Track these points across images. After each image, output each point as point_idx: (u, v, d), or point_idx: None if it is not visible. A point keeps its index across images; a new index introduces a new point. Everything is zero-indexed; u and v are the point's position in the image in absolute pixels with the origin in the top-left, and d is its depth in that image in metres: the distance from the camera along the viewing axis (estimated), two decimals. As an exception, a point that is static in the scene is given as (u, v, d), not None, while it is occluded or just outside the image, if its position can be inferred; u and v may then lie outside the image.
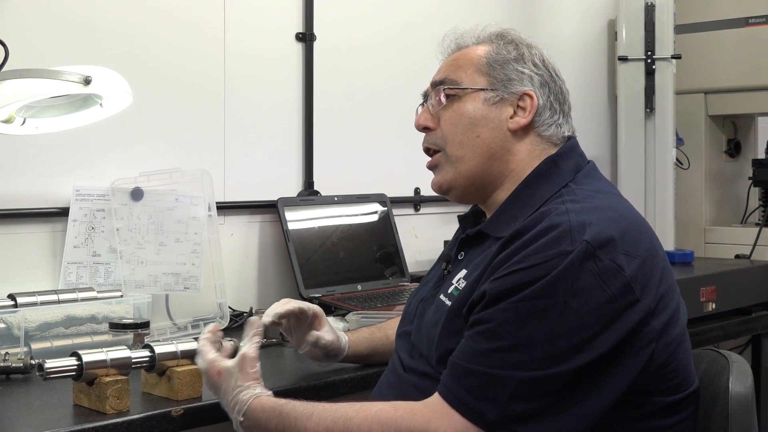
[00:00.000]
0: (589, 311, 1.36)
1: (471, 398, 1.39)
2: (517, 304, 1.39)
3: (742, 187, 3.77)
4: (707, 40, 3.59)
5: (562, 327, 1.36)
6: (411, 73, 2.97)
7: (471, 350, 1.42)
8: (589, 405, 1.38)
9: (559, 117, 1.61)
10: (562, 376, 1.36)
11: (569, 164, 1.58)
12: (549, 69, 1.63)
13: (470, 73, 1.61)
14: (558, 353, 1.36)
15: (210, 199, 2.38)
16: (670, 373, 1.46)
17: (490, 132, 1.59)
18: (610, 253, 1.39)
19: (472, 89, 1.60)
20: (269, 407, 1.52)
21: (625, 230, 1.43)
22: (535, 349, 1.37)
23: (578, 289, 1.37)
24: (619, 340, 1.37)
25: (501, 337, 1.39)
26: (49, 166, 2.23)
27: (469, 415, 1.38)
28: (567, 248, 1.39)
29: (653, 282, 1.42)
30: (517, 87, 1.59)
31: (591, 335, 1.36)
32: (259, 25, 2.64)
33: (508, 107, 1.59)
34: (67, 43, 2.24)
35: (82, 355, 1.57)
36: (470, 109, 1.59)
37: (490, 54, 1.61)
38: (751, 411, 1.55)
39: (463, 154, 1.60)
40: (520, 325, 1.38)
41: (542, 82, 1.61)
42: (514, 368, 1.37)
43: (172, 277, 2.32)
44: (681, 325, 1.49)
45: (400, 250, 2.81)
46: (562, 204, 1.48)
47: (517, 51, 1.61)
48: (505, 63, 1.60)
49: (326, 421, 1.45)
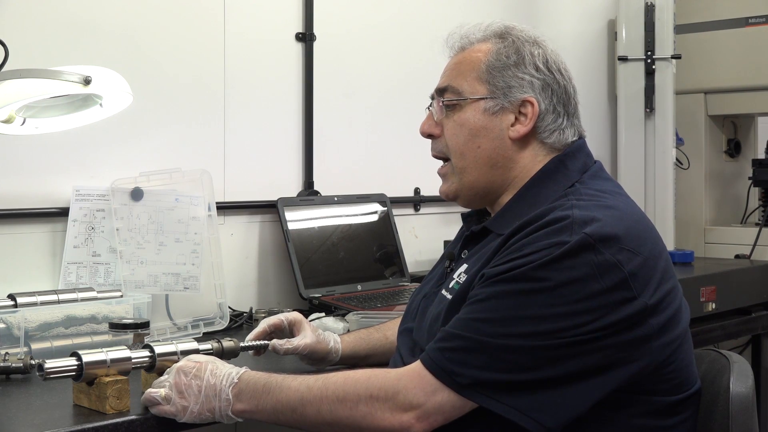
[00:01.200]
0: (579, 300, 1.37)
1: (445, 360, 1.40)
2: (507, 284, 1.41)
3: (742, 187, 3.77)
4: (707, 40, 3.59)
5: (549, 310, 1.37)
6: (411, 73, 2.97)
7: (456, 318, 1.45)
8: (571, 392, 1.38)
9: (563, 120, 1.60)
10: (543, 354, 1.36)
11: (576, 164, 1.58)
12: (552, 70, 1.60)
13: (471, 80, 1.60)
14: (541, 332, 1.37)
15: (210, 199, 2.38)
16: (670, 373, 1.46)
17: (490, 142, 1.58)
18: (611, 249, 1.39)
19: (472, 99, 1.59)
20: (260, 373, 1.55)
21: (629, 228, 1.44)
22: (517, 325, 1.38)
23: (573, 278, 1.37)
24: (609, 333, 1.37)
25: (486, 309, 1.41)
26: (49, 166, 2.23)
27: (441, 376, 1.40)
28: (565, 239, 1.40)
29: (654, 281, 1.42)
30: (517, 94, 1.57)
31: (578, 323, 1.37)
32: (259, 25, 2.64)
33: (509, 115, 1.58)
34: (67, 43, 2.24)
35: (82, 355, 1.57)
36: (471, 120, 1.59)
37: (490, 60, 1.59)
38: (752, 411, 1.55)
39: (466, 165, 1.60)
40: (506, 300, 1.40)
41: (544, 86, 1.58)
42: (493, 337, 1.38)
43: (172, 277, 2.32)
44: (682, 326, 1.49)
45: (400, 250, 2.81)
46: (568, 201, 1.49)
47: (518, 55, 1.59)
48: (504, 69, 1.58)
49: (308, 381, 1.49)
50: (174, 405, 1.54)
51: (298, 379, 1.50)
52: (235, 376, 1.53)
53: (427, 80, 1.66)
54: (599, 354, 1.38)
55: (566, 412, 1.38)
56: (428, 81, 1.66)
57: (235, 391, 1.52)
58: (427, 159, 1.69)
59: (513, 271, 1.41)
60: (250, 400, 1.52)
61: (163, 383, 1.57)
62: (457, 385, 1.39)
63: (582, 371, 1.38)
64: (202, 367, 1.55)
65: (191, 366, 1.56)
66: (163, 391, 1.55)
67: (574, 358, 1.37)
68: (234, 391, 1.52)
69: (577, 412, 1.39)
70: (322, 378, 1.49)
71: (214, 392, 1.53)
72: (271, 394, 1.50)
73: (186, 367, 1.56)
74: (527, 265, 1.39)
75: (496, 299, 1.41)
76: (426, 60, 3.06)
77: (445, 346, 1.42)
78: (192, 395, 1.53)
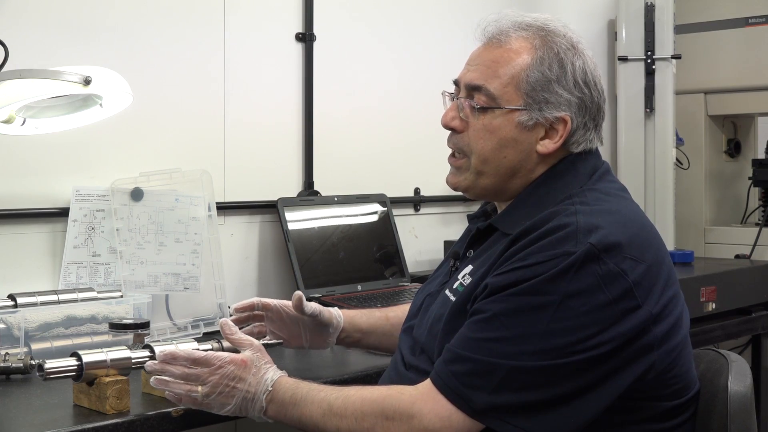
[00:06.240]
0: (586, 312, 1.37)
1: (458, 384, 1.40)
2: (514, 298, 1.40)
3: (742, 187, 3.77)
4: (707, 40, 3.59)
5: (557, 324, 1.37)
6: (411, 73, 2.97)
7: (464, 338, 1.44)
8: (582, 405, 1.38)
9: (591, 133, 1.57)
10: (554, 372, 1.36)
11: (587, 166, 1.57)
12: (590, 86, 1.56)
13: (508, 88, 1.53)
14: (551, 349, 1.37)
15: (210, 199, 2.38)
16: (671, 379, 1.46)
17: (517, 155, 1.55)
18: (615, 258, 1.39)
19: (507, 108, 1.54)
20: (290, 382, 1.59)
21: (632, 235, 1.43)
22: (527, 343, 1.37)
23: (578, 290, 1.37)
24: (616, 344, 1.38)
25: (495, 328, 1.40)
26: (49, 166, 2.23)
27: (455, 401, 1.40)
28: (570, 249, 1.39)
29: (657, 288, 1.42)
30: (554, 111, 1.53)
31: (587, 335, 1.36)
32: (259, 25, 2.64)
33: (541, 129, 1.54)
34: (67, 43, 2.24)
35: (82, 356, 1.57)
36: (502, 130, 1.54)
37: (531, 71, 1.53)
38: (750, 410, 1.55)
39: (485, 170, 1.57)
40: (515, 318, 1.39)
41: (580, 105, 1.54)
42: (504, 358, 1.38)
43: (172, 277, 2.32)
44: (683, 332, 1.49)
45: (400, 250, 2.81)
46: (572, 205, 1.48)
47: (560, 67, 1.54)
48: (546, 84, 1.53)
49: (330, 397, 1.52)
50: (214, 403, 1.57)
51: (321, 394, 1.53)
52: (270, 383, 1.57)
53: (427, 80, 1.66)
54: (607, 365, 1.38)
55: (577, 425, 1.39)
56: (428, 81, 1.67)
57: (268, 398, 1.56)
58: (427, 159, 1.69)
59: (519, 285, 1.40)
60: (279, 409, 1.56)
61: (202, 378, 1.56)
62: (472, 410, 1.39)
63: (591, 384, 1.38)
64: (247, 368, 1.58)
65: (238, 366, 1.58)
66: (202, 388, 1.57)
67: (585, 372, 1.37)
68: (267, 399, 1.56)
69: (587, 422, 1.40)
70: (342, 395, 1.51)
71: (252, 397, 1.56)
72: (297, 406, 1.54)
73: (231, 370, 1.57)
74: (533, 278, 1.39)
75: (505, 317, 1.40)
76: (426, 60, 3.06)
77: (458, 370, 1.41)
78: (234, 397, 1.57)
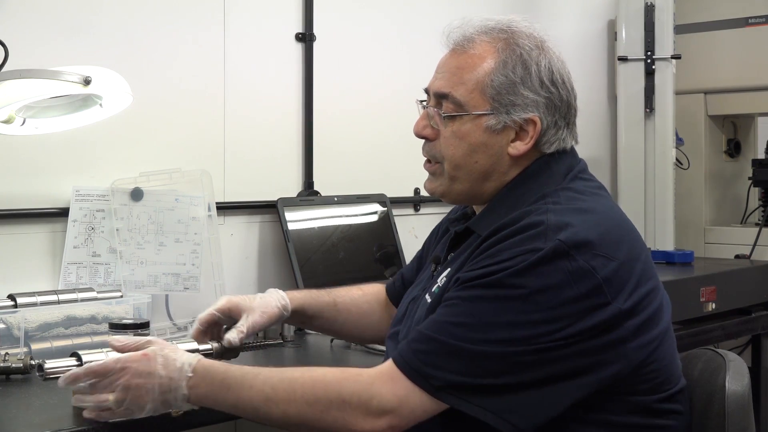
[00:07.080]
0: (553, 306, 1.38)
1: (419, 362, 1.40)
2: (482, 289, 1.41)
3: (741, 187, 3.76)
4: (707, 40, 3.59)
5: (523, 317, 1.38)
6: (411, 73, 2.96)
7: (431, 320, 1.45)
8: (545, 395, 1.38)
9: (563, 131, 1.57)
10: (517, 360, 1.37)
11: (561, 166, 1.57)
12: (557, 84, 1.55)
13: (474, 93, 1.54)
14: (516, 339, 1.37)
15: (210, 199, 2.39)
16: (650, 373, 1.46)
17: (489, 158, 1.56)
18: (585, 255, 1.39)
19: (474, 114, 1.54)
20: (217, 365, 1.50)
21: (604, 233, 1.43)
22: (492, 331, 1.38)
23: (546, 285, 1.38)
24: (582, 338, 1.38)
25: (461, 314, 1.41)
26: (49, 166, 2.23)
27: (415, 378, 1.40)
28: (539, 245, 1.40)
29: (629, 285, 1.42)
30: (521, 114, 1.53)
31: (553, 329, 1.37)
32: (259, 25, 2.64)
33: (510, 131, 1.55)
34: (67, 43, 2.24)
35: (82, 356, 1.57)
36: (471, 135, 1.55)
37: (495, 75, 1.53)
38: (748, 410, 1.55)
39: (458, 176, 1.58)
40: (482, 306, 1.40)
41: (548, 104, 1.54)
42: (469, 342, 1.39)
43: (171, 277, 2.33)
44: (663, 325, 1.49)
45: (400, 250, 2.81)
46: (544, 205, 1.48)
47: (524, 68, 1.53)
48: (510, 86, 1.53)
49: (272, 380, 1.45)
50: (128, 408, 1.47)
51: (260, 377, 1.45)
52: (189, 368, 1.46)
53: (427, 80, 1.66)
54: (573, 358, 1.38)
55: (540, 414, 1.39)
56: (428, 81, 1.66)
57: (191, 384, 1.46)
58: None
59: (488, 277, 1.41)
60: (207, 395, 1.46)
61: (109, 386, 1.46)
62: (431, 387, 1.39)
63: (556, 375, 1.38)
64: (152, 360, 1.47)
65: (140, 361, 1.47)
66: (112, 396, 1.46)
67: (548, 363, 1.38)
68: (189, 384, 1.46)
69: (551, 414, 1.40)
70: (287, 378, 1.44)
71: (169, 388, 1.46)
72: (231, 391, 1.45)
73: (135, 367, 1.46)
74: (502, 272, 1.40)
75: (471, 303, 1.41)
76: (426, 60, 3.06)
77: (419, 348, 1.41)
78: (148, 394, 1.46)
